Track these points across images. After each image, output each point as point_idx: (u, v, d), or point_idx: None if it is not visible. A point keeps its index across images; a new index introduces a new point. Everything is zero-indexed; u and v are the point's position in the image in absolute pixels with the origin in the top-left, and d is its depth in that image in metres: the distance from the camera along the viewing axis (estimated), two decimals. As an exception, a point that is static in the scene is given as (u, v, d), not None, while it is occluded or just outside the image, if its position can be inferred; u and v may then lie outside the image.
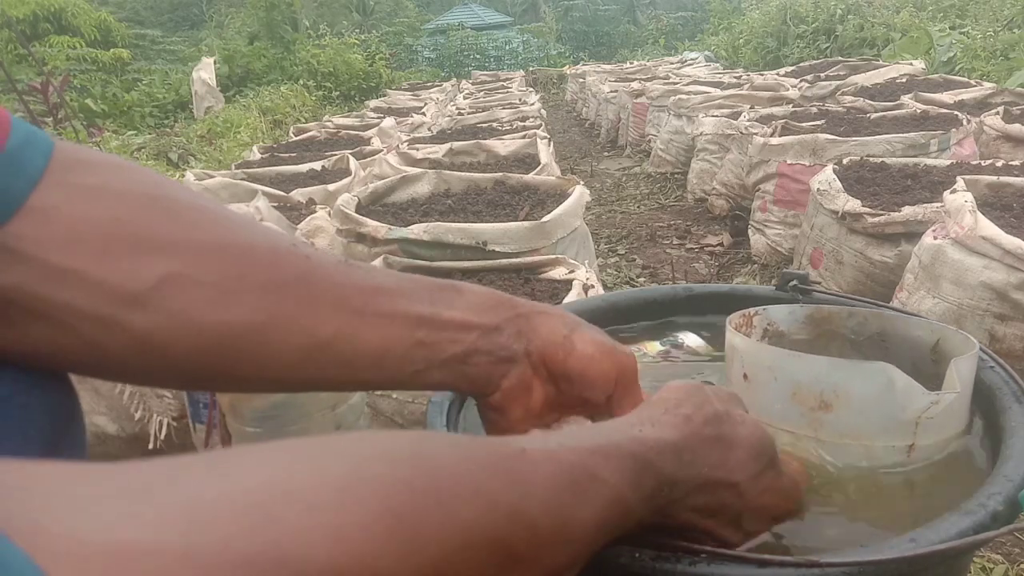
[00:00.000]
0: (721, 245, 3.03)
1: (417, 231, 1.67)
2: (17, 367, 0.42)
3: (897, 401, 0.56)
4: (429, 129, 4.47)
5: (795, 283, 0.79)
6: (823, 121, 3.11)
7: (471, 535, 0.32)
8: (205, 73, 8.64)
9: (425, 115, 5.43)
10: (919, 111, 3.03)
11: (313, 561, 0.27)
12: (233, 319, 0.44)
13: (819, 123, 3.07)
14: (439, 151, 2.92)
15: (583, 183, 2.06)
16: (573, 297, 1.41)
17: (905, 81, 4.20)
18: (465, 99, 6.20)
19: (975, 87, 3.67)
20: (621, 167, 4.90)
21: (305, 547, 0.27)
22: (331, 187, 2.52)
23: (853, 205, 2.03)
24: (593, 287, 1.48)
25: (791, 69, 6.05)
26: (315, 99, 9.22)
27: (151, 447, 1.51)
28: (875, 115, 3.14)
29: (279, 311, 0.46)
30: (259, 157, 3.54)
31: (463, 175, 2.28)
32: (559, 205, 1.82)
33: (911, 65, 4.79)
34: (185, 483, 0.28)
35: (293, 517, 0.28)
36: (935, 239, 1.70)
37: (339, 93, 10.31)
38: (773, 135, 2.82)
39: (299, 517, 0.28)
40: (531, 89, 7.45)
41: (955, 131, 2.53)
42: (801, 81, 4.70)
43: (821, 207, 2.17)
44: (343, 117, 5.93)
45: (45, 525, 0.23)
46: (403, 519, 0.30)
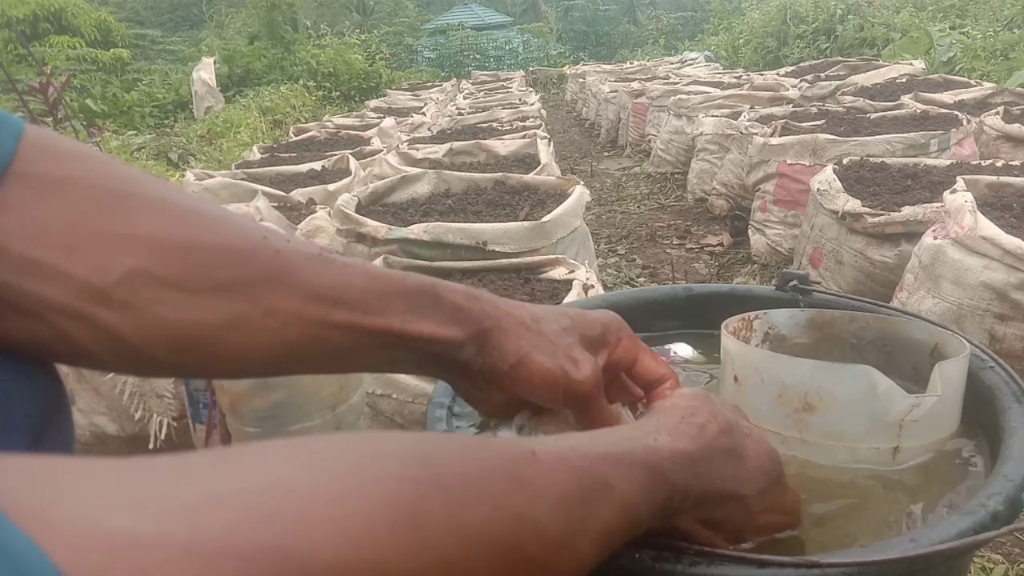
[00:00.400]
0: (721, 245, 3.03)
1: (417, 231, 1.67)
2: (1, 354, 0.42)
3: (880, 404, 0.57)
4: (429, 129, 4.47)
5: (795, 283, 0.79)
6: (823, 121, 3.11)
7: (478, 535, 0.32)
8: (205, 73, 8.64)
9: (425, 115, 5.43)
10: (919, 111, 3.03)
11: (317, 556, 0.27)
12: (199, 318, 0.45)
13: (819, 123, 3.07)
14: (439, 151, 2.92)
15: (583, 183, 2.06)
16: (573, 297, 1.41)
17: (905, 81, 4.20)
18: (465, 99, 6.19)
19: (975, 87, 3.67)
20: (621, 167, 4.90)
21: (309, 542, 0.27)
22: (331, 187, 2.53)
23: (853, 205, 2.03)
24: (593, 287, 1.48)
25: (791, 69, 6.05)
26: (315, 99, 9.23)
27: (151, 447, 1.51)
28: (875, 115, 3.14)
29: (244, 313, 0.46)
30: (259, 157, 3.54)
31: (463, 175, 2.28)
32: (559, 205, 1.81)
33: (911, 65, 4.79)
34: (190, 477, 0.28)
35: (297, 512, 0.28)
36: (935, 239, 1.70)
37: (339, 93, 10.32)
38: (773, 135, 2.82)
39: (303, 512, 0.28)
40: (531, 89, 7.45)
41: (955, 131, 2.53)
42: (801, 81, 4.70)
43: (821, 207, 2.17)
44: (343, 117, 5.93)
45: (50, 512, 0.23)
46: (409, 517, 0.30)
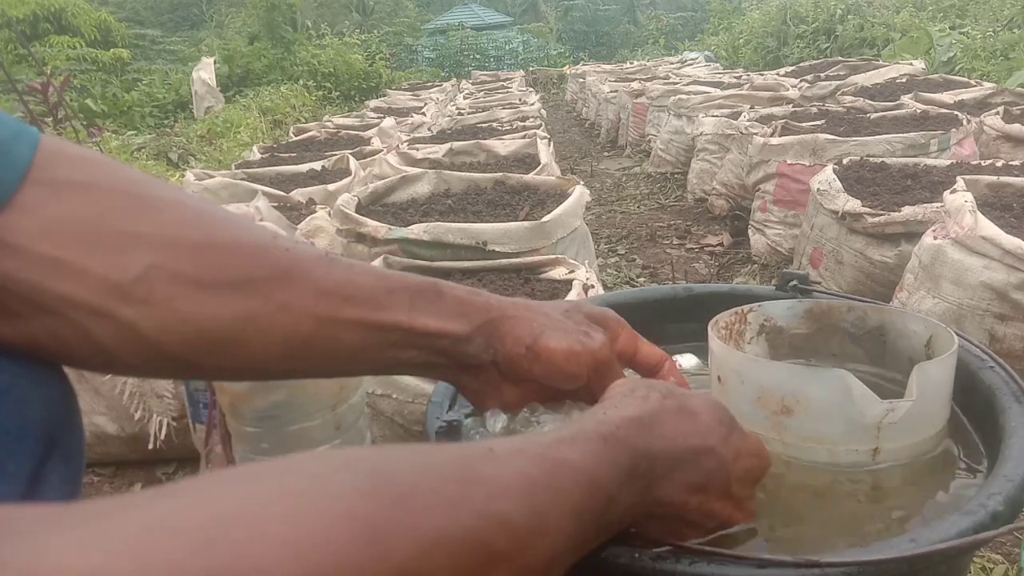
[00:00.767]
0: (721, 245, 3.03)
1: (417, 231, 1.67)
2: (16, 362, 0.43)
3: (855, 407, 0.57)
4: (429, 129, 4.47)
5: (795, 283, 0.79)
6: (823, 121, 3.11)
7: (438, 541, 0.32)
8: (205, 73, 8.64)
9: (425, 115, 5.43)
10: (919, 111, 3.03)
11: (271, 573, 0.27)
12: (214, 314, 0.46)
13: (819, 123, 3.06)
14: (439, 151, 2.92)
15: (583, 183, 2.06)
16: (573, 297, 1.41)
17: (905, 81, 4.20)
18: (465, 99, 6.20)
19: (975, 87, 3.66)
20: (621, 167, 4.90)
21: (263, 561, 0.27)
22: (331, 187, 2.53)
23: (853, 205, 2.03)
24: (593, 287, 1.48)
25: (791, 69, 6.05)
26: (315, 99, 9.22)
27: (151, 447, 1.51)
28: (875, 115, 3.14)
29: (259, 308, 0.47)
30: (259, 157, 3.54)
31: (463, 175, 2.28)
32: (559, 205, 1.81)
33: (911, 65, 4.79)
34: (135, 512, 0.27)
35: (248, 533, 0.27)
36: (935, 239, 1.70)
37: (339, 93, 10.31)
38: (773, 135, 2.81)
39: (254, 532, 0.27)
40: (531, 89, 7.45)
41: (955, 131, 2.53)
42: (801, 81, 4.70)
43: (821, 207, 2.17)
44: (343, 117, 5.93)
45: None
46: (366, 530, 0.30)
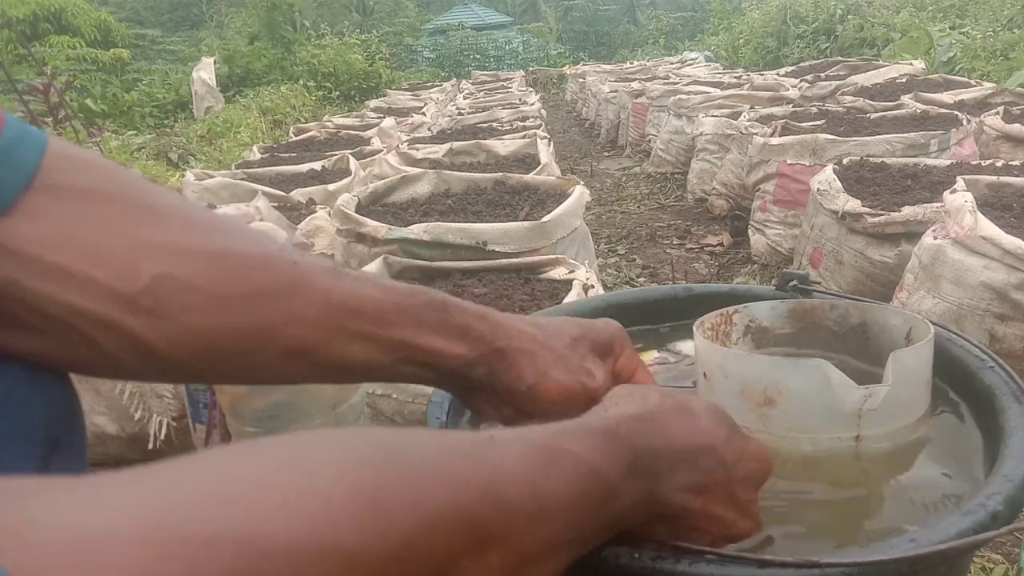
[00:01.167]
0: (721, 245, 3.03)
1: (417, 231, 1.67)
2: (19, 364, 0.42)
3: (835, 396, 0.59)
4: (429, 129, 4.48)
5: (795, 283, 0.79)
6: (823, 121, 3.11)
7: (440, 514, 0.33)
8: (205, 73, 8.64)
9: (425, 115, 5.43)
10: (919, 111, 3.03)
11: (275, 539, 0.27)
12: (221, 324, 0.46)
13: (819, 123, 3.06)
14: (439, 151, 2.92)
15: (583, 183, 2.06)
16: (573, 297, 1.41)
17: (905, 81, 4.20)
18: (465, 99, 6.20)
19: (975, 87, 3.67)
20: (621, 167, 4.90)
21: (266, 526, 0.27)
22: (331, 187, 2.53)
23: (853, 205, 2.03)
24: (593, 287, 1.48)
25: (791, 69, 6.05)
26: (315, 99, 9.22)
27: (151, 447, 1.51)
28: (875, 115, 3.14)
29: (266, 319, 0.47)
30: (259, 157, 3.55)
31: (463, 175, 2.28)
32: (559, 205, 1.82)
33: (911, 65, 4.79)
34: (142, 481, 0.28)
35: (252, 499, 0.28)
36: (935, 239, 1.70)
37: (339, 93, 10.31)
38: (773, 135, 2.82)
39: (259, 498, 0.28)
40: (531, 89, 7.45)
41: (955, 131, 2.53)
42: (801, 81, 4.70)
43: (821, 207, 2.17)
44: (343, 117, 5.94)
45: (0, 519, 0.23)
46: (369, 499, 0.31)
